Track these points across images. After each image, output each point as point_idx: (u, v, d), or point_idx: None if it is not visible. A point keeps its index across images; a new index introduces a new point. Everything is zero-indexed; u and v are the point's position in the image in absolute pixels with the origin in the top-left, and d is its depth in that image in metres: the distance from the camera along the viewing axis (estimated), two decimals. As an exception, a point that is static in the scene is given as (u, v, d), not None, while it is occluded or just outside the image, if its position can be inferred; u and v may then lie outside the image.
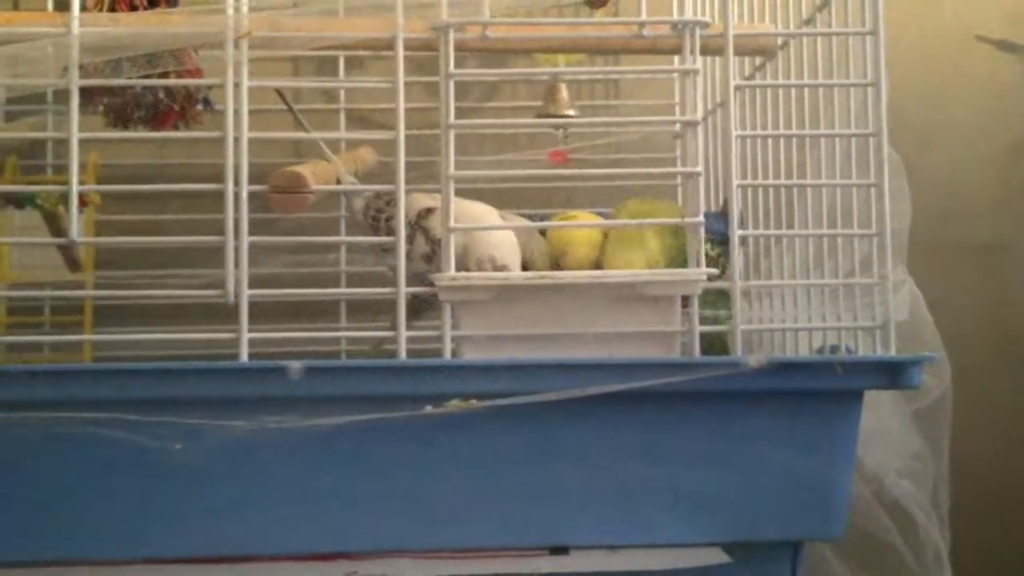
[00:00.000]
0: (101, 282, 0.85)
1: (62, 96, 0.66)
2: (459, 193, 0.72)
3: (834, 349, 0.69)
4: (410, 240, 0.70)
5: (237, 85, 0.62)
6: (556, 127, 0.88)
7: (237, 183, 0.61)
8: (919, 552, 0.74)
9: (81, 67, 0.66)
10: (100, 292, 0.79)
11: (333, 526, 0.62)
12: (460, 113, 0.63)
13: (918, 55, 1.03)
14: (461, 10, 0.64)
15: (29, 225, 0.81)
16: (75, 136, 0.61)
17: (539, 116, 0.93)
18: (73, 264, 0.84)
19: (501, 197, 0.75)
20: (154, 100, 0.74)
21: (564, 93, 0.93)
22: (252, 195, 0.62)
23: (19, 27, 0.63)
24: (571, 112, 0.92)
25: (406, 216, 0.72)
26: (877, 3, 0.65)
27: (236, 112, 0.62)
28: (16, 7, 0.94)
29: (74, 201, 0.61)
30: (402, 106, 0.63)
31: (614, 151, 0.93)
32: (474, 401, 0.58)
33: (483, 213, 0.72)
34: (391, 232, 0.66)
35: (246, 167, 0.62)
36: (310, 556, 0.62)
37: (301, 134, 0.79)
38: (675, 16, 0.74)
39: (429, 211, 0.71)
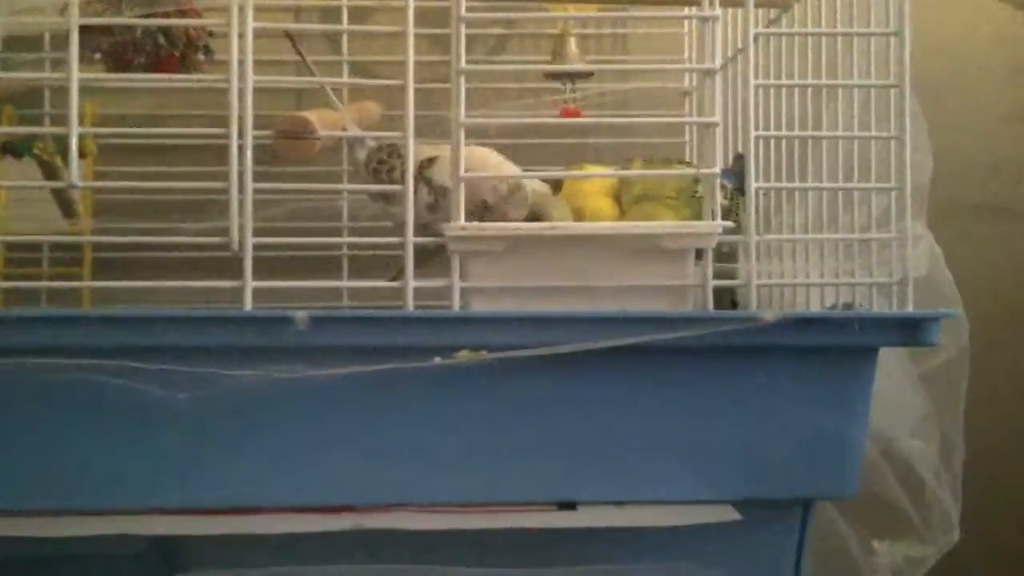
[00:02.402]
0: (100, 231, 0.84)
1: (60, 43, 0.65)
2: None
3: (848, 306, 0.67)
4: (413, 191, 0.69)
5: (241, 34, 0.60)
6: (566, 79, 0.86)
7: (241, 132, 0.59)
8: (926, 513, 0.74)
9: (80, 7, 0.65)
10: (100, 239, 0.77)
11: (339, 478, 0.61)
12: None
13: (935, 13, 1.01)
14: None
15: (26, 175, 0.80)
16: (75, 78, 0.59)
17: (547, 71, 0.91)
18: (69, 211, 0.83)
19: (509, 154, 0.73)
20: (154, 45, 0.72)
21: (573, 47, 0.91)
22: (256, 145, 0.61)
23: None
24: (580, 66, 0.90)
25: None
26: (900, -49, 0.63)
27: (241, 44, 0.60)
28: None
29: (74, 145, 0.60)
30: (412, 55, 0.61)
31: (622, 108, 0.91)
32: (484, 352, 0.57)
33: (485, 155, 0.70)
34: (394, 183, 0.64)
35: (251, 116, 0.60)
36: (316, 508, 0.61)
37: (307, 79, 0.77)
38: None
39: (431, 160, 0.70)
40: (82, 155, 0.86)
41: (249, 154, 0.59)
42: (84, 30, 0.64)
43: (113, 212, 0.88)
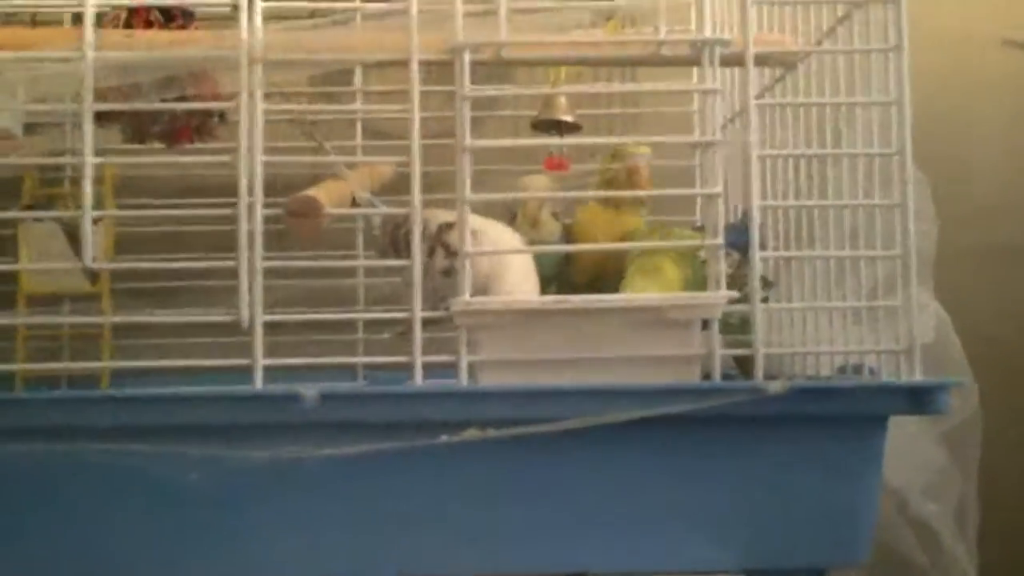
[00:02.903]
0: (118, 293, 0.86)
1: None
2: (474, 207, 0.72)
3: (857, 368, 0.67)
4: (429, 254, 0.70)
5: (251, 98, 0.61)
6: (554, 131, 0.87)
7: (251, 213, 0.60)
8: (946, 572, 0.73)
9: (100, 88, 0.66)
10: (111, 319, 0.80)
11: (348, 553, 0.61)
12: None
13: (943, 57, 1.02)
14: (478, 25, 0.63)
15: (45, 233, 0.82)
16: (89, 163, 0.61)
17: (535, 122, 0.92)
18: (93, 275, 0.85)
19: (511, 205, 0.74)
20: (171, 116, 0.74)
21: (562, 99, 0.92)
22: (268, 206, 0.62)
23: (36, 47, 0.63)
24: (567, 118, 0.91)
25: (425, 230, 0.72)
26: (901, 18, 0.63)
27: (250, 132, 0.61)
28: (34, 20, 0.94)
29: (88, 226, 0.61)
30: (416, 126, 0.62)
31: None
32: (490, 430, 0.58)
33: (504, 239, 0.71)
34: (409, 245, 0.65)
35: (260, 189, 0.61)
36: (327, 583, 0.62)
37: (314, 156, 0.78)
38: (694, 30, 0.73)
39: (449, 226, 0.70)
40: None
41: (259, 236, 0.60)
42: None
43: (134, 271, 0.90)
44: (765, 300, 0.67)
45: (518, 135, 0.92)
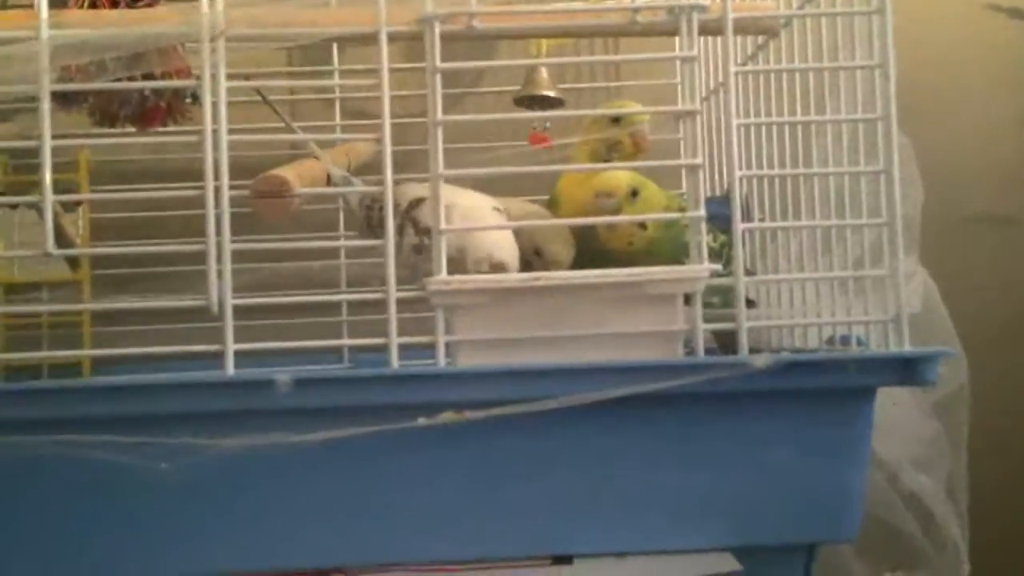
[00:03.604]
0: (98, 279, 0.85)
1: (56, 95, 0.64)
2: (449, 182, 0.70)
3: (844, 339, 0.66)
4: (400, 231, 0.69)
5: (214, 77, 0.59)
6: (536, 106, 0.85)
7: (218, 188, 0.59)
8: (938, 544, 0.72)
9: (65, 68, 0.65)
10: (87, 306, 0.79)
11: (328, 540, 0.60)
12: (447, 100, 0.60)
13: (928, 24, 1.00)
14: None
15: (28, 222, 0.81)
16: (47, 144, 0.59)
17: (517, 97, 0.91)
18: (74, 263, 0.84)
19: (490, 184, 0.72)
20: (140, 97, 0.72)
21: (543, 74, 0.90)
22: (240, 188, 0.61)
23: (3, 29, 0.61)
24: (550, 93, 0.90)
25: (397, 206, 0.70)
26: (885, -21, 0.62)
27: (214, 109, 0.59)
28: (4, 6, 0.93)
29: (49, 211, 0.59)
30: (387, 108, 0.60)
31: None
32: (467, 413, 0.56)
33: (478, 205, 0.69)
34: (384, 222, 0.63)
35: (226, 168, 0.59)
36: (305, 571, 0.60)
37: (286, 134, 0.76)
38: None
39: (420, 201, 0.69)
40: (78, 203, 0.87)
41: (227, 218, 0.59)
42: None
43: (113, 258, 0.89)
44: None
45: (504, 111, 0.90)
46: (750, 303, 0.62)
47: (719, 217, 0.69)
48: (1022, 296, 1.02)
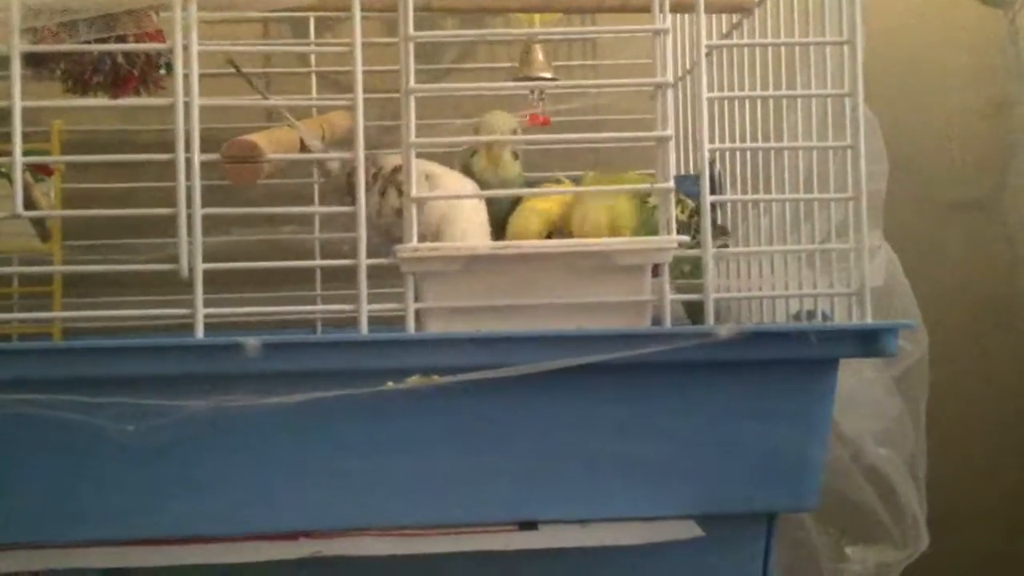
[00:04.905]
0: (69, 249, 0.85)
1: (27, 59, 0.64)
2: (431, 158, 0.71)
3: (810, 314, 0.67)
4: (381, 194, 0.69)
5: (186, 48, 0.59)
6: (530, 90, 0.85)
7: (189, 151, 0.59)
8: (898, 517, 0.73)
9: (35, 30, 0.64)
10: (57, 268, 0.79)
11: (295, 505, 0.60)
12: (437, 74, 0.61)
13: (901, 9, 1.01)
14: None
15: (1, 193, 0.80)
16: (18, 106, 0.59)
17: (514, 78, 0.91)
18: (44, 234, 0.84)
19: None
20: (113, 65, 0.72)
21: (539, 54, 0.91)
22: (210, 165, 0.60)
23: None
24: (546, 74, 0.90)
25: (380, 171, 0.71)
26: (854, -43, 0.62)
27: (187, 77, 0.59)
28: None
29: (18, 174, 0.59)
30: (360, 76, 0.61)
31: (592, 112, 0.91)
32: (435, 377, 0.57)
33: (460, 187, 0.70)
34: (368, 188, 0.64)
35: (197, 133, 0.59)
36: (272, 536, 0.61)
37: (257, 100, 0.76)
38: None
39: (401, 168, 0.69)
40: (49, 172, 0.87)
41: (197, 179, 0.59)
42: (40, 53, 0.64)
43: (83, 229, 0.89)
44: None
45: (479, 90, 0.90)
46: (723, 230, 0.62)
47: (690, 193, 0.70)
48: (991, 281, 1.04)
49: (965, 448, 0.98)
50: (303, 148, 0.74)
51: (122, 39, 0.67)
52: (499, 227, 0.71)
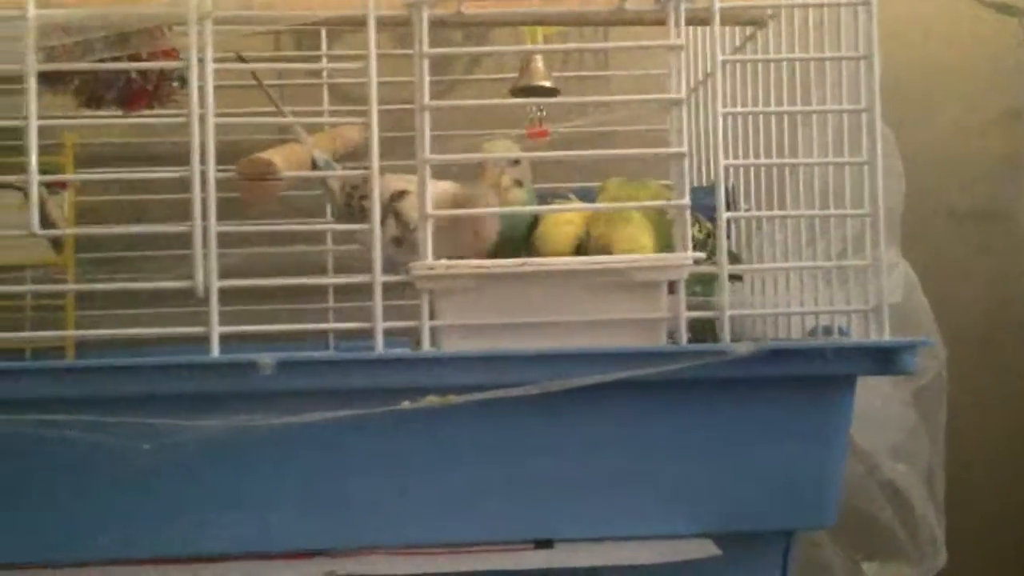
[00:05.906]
0: (82, 262, 0.84)
1: (42, 76, 0.64)
2: (436, 173, 0.70)
3: (827, 330, 0.67)
4: (381, 223, 0.69)
5: (201, 61, 0.59)
6: (537, 106, 0.85)
7: (204, 164, 0.59)
8: (915, 533, 0.73)
9: (51, 48, 0.64)
10: (71, 287, 0.79)
11: (311, 523, 0.60)
12: (444, 87, 0.60)
13: (914, 18, 1.01)
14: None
15: (12, 204, 0.80)
16: (34, 125, 0.59)
17: (514, 88, 0.91)
18: (58, 246, 0.84)
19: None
20: (126, 80, 0.72)
21: (539, 64, 0.90)
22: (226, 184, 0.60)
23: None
24: (546, 83, 0.90)
25: (379, 197, 0.70)
26: (870, -29, 0.62)
27: (202, 90, 0.59)
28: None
29: (34, 193, 0.59)
30: (375, 88, 0.60)
31: (602, 122, 0.91)
32: (451, 397, 0.56)
33: (442, 191, 0.69)
34: (364, 211, 0.64)
35: (212, 147, 0.59)
36: (288, 554, 0.60)
37: (275, 118, 0.76)
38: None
39: (402, 194, 0.69)
40: (62, 185, 0.87)
41: (212, 199, 0.59)
42: (55, 71, 0.64)
43: (97, 241, 0.89)
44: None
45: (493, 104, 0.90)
46: (737, 278, 0.62)
47: (704, 207, 0.70)
48: (1005, 290, 1.03)
49: (983, 461, 0.97)
50: (313, 163, 0.74)
51: (136, 57, 0.67)
52: (515, 249, 0.70)
